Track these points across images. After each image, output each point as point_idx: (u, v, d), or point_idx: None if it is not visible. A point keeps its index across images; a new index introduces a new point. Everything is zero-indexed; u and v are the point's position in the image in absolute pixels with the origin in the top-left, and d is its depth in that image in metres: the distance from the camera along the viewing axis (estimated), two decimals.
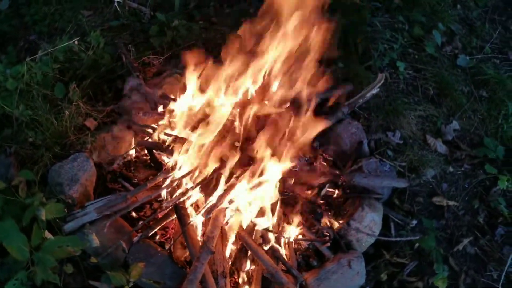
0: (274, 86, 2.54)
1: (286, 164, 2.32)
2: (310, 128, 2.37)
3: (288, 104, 2.53)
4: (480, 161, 3.05)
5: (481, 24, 3.96)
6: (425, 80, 3.41)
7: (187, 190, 2.30)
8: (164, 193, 2.41)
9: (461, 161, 3.04)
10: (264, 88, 2.56)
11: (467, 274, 2.58)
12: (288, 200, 2.47)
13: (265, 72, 2.49)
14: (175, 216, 2.34)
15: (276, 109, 2.46)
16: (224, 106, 2.48)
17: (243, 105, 2.48)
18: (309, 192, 2.54)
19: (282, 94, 2.49)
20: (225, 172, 2.30)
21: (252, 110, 2.39)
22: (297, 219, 2.44)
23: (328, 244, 2.44)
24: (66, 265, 2.07)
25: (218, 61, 2.51)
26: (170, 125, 2.62)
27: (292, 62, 2.45)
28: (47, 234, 2.05)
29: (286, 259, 2.33)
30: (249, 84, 2.50)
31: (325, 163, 2.73)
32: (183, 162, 2.37)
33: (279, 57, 2.42)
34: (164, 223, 2.40)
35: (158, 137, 2.58)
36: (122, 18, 3.58)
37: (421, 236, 2.58)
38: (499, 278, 2.58)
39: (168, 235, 2.43)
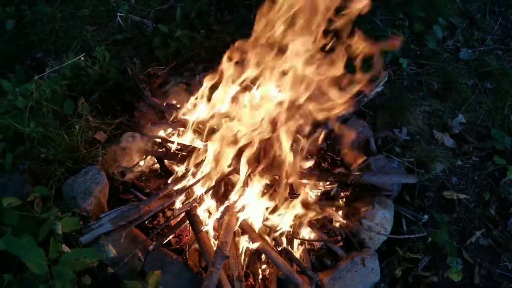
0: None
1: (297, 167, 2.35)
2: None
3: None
4: (488, 153, 3.05)
5: (482, 17, 3.97)
6: (429, 75, 3.43)
7: (198, 197, 2.33)
8: (176, 201, 2.43)
9: (469, 154, 3.05)
10: None
11: (482, 266, 2.58)
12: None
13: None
14: (189, 222, 2.37)
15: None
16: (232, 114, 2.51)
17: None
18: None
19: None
20: (236, 177, 2.33)
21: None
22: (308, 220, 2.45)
23: (341, 243, 2.46)
24: (84, 276, 2.09)
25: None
26: (180, 134, 2.66)
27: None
28: (64, 248, 2.07)
29: (300, 260, 2.35)
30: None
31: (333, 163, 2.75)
32: (194, 170, 2.40)
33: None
34: (178, 230, 2.43)
35: (168, 146, 2.62)
36: (126, 32, 3.63)
37: (433, 230, 2.59)
38: None
39: (183, 242, 2.46)
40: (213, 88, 2.54)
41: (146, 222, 2.49)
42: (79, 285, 2.07)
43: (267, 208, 2.39)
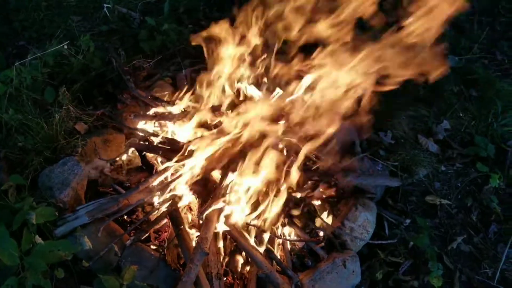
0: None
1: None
2: None
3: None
4: (471, 160, 3.06)
5: (469, 25, 3.99)
6: (415, 79, 3.42)
7: (180, 192, 2.28)
8: (156, 196, 2.38)
9: (453, 160, 3.05)
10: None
11: (462, 272, 2.57)
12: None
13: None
14: (168, 218, 2.32)
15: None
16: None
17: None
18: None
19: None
20: (219, 174, 2.29)
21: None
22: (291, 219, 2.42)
23: (322, 244, 2.43)
24: (58, 269, 2.03)
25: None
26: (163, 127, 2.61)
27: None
28: (38, 239, 2.01)
29: (281, 260, 2.31)
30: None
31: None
32: (176, 164, 2.35)
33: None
34: (157, 226, 2.37)
35: (150, 139, 2.57)
36: (112, 23, 3.57)
37: (415, 235, 2.58)
38: (494, 276, 2.57)
39: (162, 238, 2.40)
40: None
41: (125, 217, 2.43)
42: (52, 278, 2.01)
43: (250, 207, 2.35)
